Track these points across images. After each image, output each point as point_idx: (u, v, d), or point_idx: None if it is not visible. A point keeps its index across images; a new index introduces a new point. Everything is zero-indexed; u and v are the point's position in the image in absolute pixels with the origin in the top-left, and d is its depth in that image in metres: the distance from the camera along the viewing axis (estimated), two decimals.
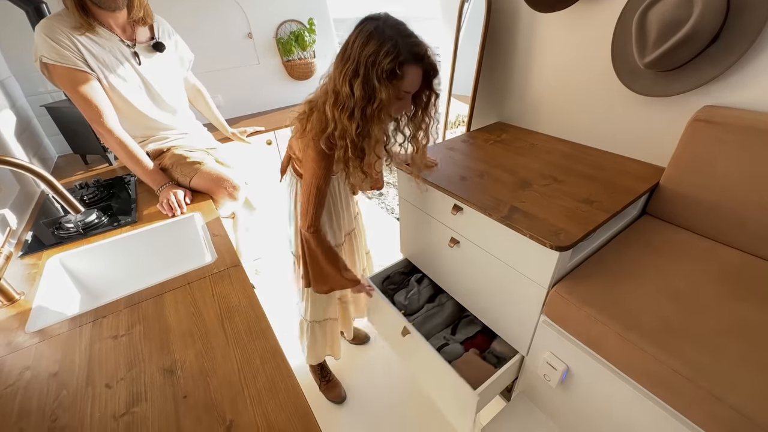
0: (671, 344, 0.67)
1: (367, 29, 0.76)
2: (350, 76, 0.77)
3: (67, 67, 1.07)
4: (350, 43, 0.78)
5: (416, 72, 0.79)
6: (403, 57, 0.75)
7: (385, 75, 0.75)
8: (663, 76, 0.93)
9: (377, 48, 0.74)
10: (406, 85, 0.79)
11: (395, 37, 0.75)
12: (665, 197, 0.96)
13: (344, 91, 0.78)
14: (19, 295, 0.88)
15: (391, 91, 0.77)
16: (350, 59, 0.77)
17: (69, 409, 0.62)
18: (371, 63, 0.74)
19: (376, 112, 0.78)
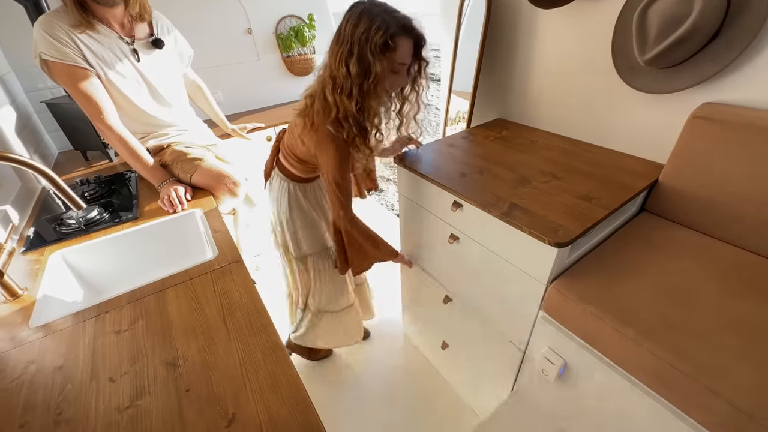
0: (669, 340, 0.68)
1: (356, 12, 0.82)
2: (346, 57, 0.82)
3: (66, 64, 1.07)
4: (342, 27, 0.84)
5: (407, 43, 0.84)
6: (393, 30, 0.80)
7: (378, 49, 0.80)
8: (663, 73, 0.93)
9: (368, 26, 0.79)
10: (398, 56, 0.84)
11: (382, 14, 0.80)
12: (664, 194, 0.97)
13: (341, 73, 0.83)
14: (23, 290, 0.89)
15: (385, 64, 0.82)
16: (344, 41, 0.83)
17: (74, 402, 0.63)
18: (364, 40, 0.80)
19: (373, 86, 0.83)
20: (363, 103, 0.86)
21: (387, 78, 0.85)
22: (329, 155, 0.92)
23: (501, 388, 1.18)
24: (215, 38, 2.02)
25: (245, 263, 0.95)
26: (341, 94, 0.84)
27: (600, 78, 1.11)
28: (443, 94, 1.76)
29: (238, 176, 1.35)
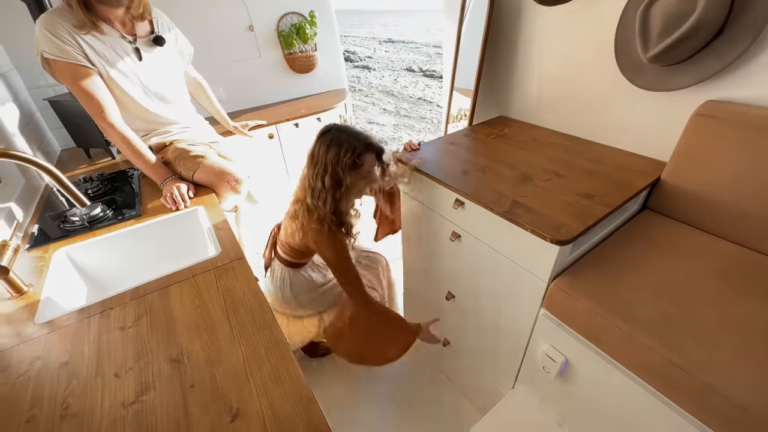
0: (670, 337, 0.68)
1: (327, 138, 1.03)
2: (321, 175, 1.03)
3: (68, 62, 1.07)
4: (315, 151, 1.06)
5: (371, 156, 1.06)
6: (359, 150, 1.01)
7: (348, 167, 1.01)
8: (666, 71, 0.93)
9: (337, 150, 1.01)
10: (366, 167, 1.05)
11: (348, 138, 1.02)
12: (666, 192, 0.97)
13: (317, 186, 1.05)
14: (28, 287, 0.90)
15: (354, 177, 1.04)
16: (318, 162, 1.04)
17: (80, 397, 0.64)
18: (335, 161, 1.01)
19: (345, 194, 1.05)
20: (336, 207, 1.07)
21: (358, 184, 1.07)
22: (328, 251, 1.11)
23: (502, 384, 1.19)
24: (217, 35, 2.02)
25: (248, 260, 0.95)
26: (318, 201, 1.05)
27: (602, 75, 1.11)
28: (445, 92, 1.75)
29: (240, 173, 1.35)
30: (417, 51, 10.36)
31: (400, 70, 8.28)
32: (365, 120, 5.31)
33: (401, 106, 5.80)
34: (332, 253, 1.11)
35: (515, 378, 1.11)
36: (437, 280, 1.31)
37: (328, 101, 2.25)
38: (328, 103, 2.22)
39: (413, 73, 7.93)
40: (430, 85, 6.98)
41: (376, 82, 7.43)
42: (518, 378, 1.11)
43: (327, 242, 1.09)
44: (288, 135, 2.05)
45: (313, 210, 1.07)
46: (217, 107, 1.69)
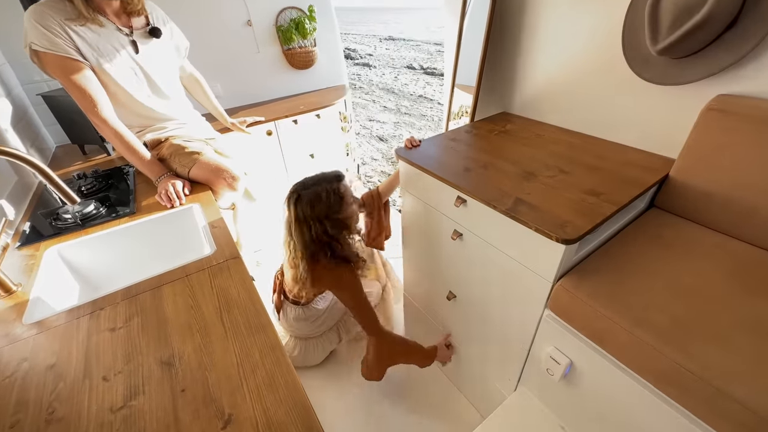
0: (680, 341, 0.66)
1: (303, 200, 1.08)
2: (319, 233, 1.09)
3: (58, 55, 1.04)
4: (295, 218, 1.09)
5: (342, 184, 1.12)
6: (334, 186, 1.09)
7: (338, 204, 1.09)
8: (675, 64, 0.89)
9: (320, 200, 1.07)
10: (347, 194, 1.13)
11: (318, 185, 1.09)
12: (675, 189, 0.94)
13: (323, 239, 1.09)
14: (17, 286, 0.87)
15: (346, 209, 1.11)
16: (312, 220, 1.08)
17: (66, 401, 0.61)
18: (328, 210, 1.07)
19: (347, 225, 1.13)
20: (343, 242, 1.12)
21: (351, 211, 1.14)
22: (345, 293, 1.15)
23: (504, 386, 1.17)
24: (214, 30, 1.98)
25: (244, 260, 0.93)
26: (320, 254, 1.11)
27: (609, 69, 1.08)
28: (446, 89, 1.72)
29: (237, 170, 1.33)
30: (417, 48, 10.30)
31: (400, 67, 8.23)
32: (366, 117, 5.27)
33: (402, 104, 5.77)
34: (349, 295, 1.15)
35: (518, 380, 1.08)
36: (438, 280, 1.28)
37: (327, 98, 2.22)
38: (327, 99, 2.18)
39: (414, 70, 7.89)
40: (430, 83, 6.94)
41: (377, 80, 7.38)
42: (521, 380, 1.08)
43: (343, 285, 1.14)
44: (287, 132, 2.02)
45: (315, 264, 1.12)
46: (214, 103, 1.67)
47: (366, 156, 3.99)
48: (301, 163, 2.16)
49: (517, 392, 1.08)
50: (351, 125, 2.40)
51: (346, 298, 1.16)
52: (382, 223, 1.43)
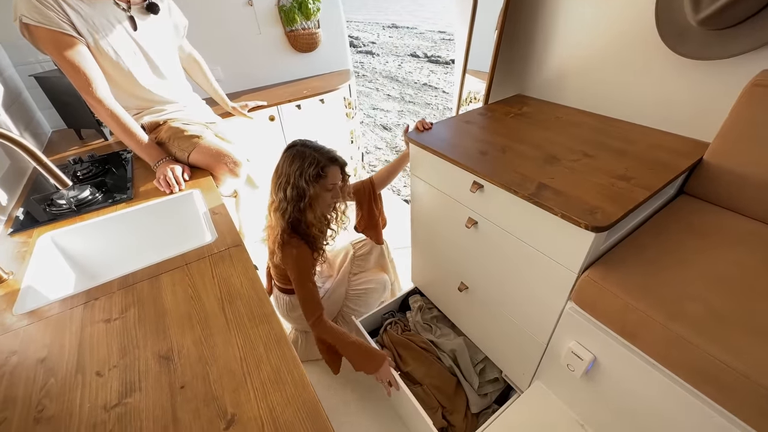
0: (721, 335, 0.60)
1: (291, 153, 1.07)
2: (283, 186, 1.06)
3: (50, 30, 0.97)
4: (280, 165, 1.09)
5: (335, 169, 1.09)
6: (323, 162, 1.05)
7: (312, 177, 1.04)
8: (716, 36, 0.82)
9: (301, 164, 1.04)
10: (329, 180, 1.08)
11: (311, 152, 1.06)
12: (708, 174, 0.87)
13: (279, 197, 1.07)
14: (8, 274, 0.82)
15: (318, 188, 1.06)
16: (281, 175, 1.07)
17: (57, 398, 0.57)
18: (299, 173, 1.04)
19: (308, 205, 1.06)
20: (299, 218, 1.08)
21: (322, 196, 1.09)
22: (289, 264, 1.10)
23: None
24: (213, 10, 1.89)
25: (247, 248, 0.87)
26: (278, 211, 1.08)
27: (638, 44, 1.00)
28: (457, 74, 1.65)
29: (239, 156, 1.27)
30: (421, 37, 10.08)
31: (404, 55, 8.05)
32: (369, 106, 5.16)
33: (406, 92, 5.64)
34: (292, 267, 1.09)
35: (533, 375, 1.04)
36: (449, 270, 1.23)
37: (331, 82, 2.14)
38: (331, 84, 2.10)
39: (418, 58, 7.71)
40: (435, 71, 6.78)
41: (380, 68, 7.23)
42: (536, 375, 1.03)
43: (288, 255, 1.08)
44: (290, 117, 1.95)
45: (274, 227, 1.10)
46: (214, 86, 1.60)
47: (370, 145, 3.91)
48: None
49: (532, 387, 1.04)
50: (356, 112, 2.32)
51: (292, 277, 1.10)
52: (374, 214, 1.36)
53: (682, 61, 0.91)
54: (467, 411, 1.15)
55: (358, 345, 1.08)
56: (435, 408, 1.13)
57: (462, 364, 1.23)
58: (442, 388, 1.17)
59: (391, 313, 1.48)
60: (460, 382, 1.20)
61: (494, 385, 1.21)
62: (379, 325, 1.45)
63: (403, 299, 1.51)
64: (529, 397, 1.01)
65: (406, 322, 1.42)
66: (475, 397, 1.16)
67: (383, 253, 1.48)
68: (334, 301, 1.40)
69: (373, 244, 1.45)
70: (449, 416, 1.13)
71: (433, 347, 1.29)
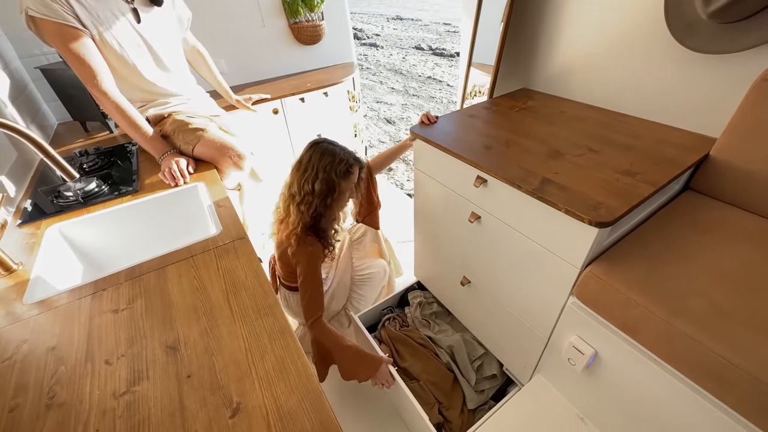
0: (723, 331, 0.60)
1: (320, 149, 1.07)
2: (311, 179, 1.05)
3: (56, 22, 0.98)
4: (305, 159, 1.08)
5: (357, 169, 1.11)
6: (351, 161, 1.08)
7: (342, 173, 1.06)
8: (726, 30, 0.80)
9: (332, 158, 1.05)
10: (353, 178, 1.10)
11: (339, 150, 1.07)
12: (714, 170, 0.86)
13: (305, 189, 1.06)
14: (17, 265, 0.84)
15: (345, 184, 1.08)
16: (309, 169, 1.06)
17: (67, 385, 0.58)
18: (330, 167, 1.05)
19: (335, 200, 1.08)
20: (325, 212, 1.09)
21: (346, 193, 1.12)
22: (302, 259, 1.09)
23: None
24: (216, 2, 1.88)
25: (251, 240, 0.88)
26: (302, 205, 1.06)
27: (646, 37, 0.99)
28: (462, 67, 1.63)
29: (243, 149, 1.27)
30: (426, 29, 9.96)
31: (408, 48, 7.97)
32: (373, 99, 5.14)
33: (410, 85, 5.60)
34: (304, 264, 1.09)
35: (534, 369, 1.05)
36: (452, 265, 1.23)
37: (335, 75, 2.13)
38: (335, 77, 2.09)
39: (422, 51, 7.63)
40: (439, 64, 6.72)
41: (384, 60, 7.17)
42: (537, 369, 1.04)
43: (303, 252, 1.08)
44: (293, 110, 1.95)
45: (296, 218, 1.08)
46: (218, 78, 1.59)
47: (373, 139, 3.89)
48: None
49: (533, 381, 1.05)
50: (359, 105, 2.31)
51: (301, 274, 1.09)
52: (372, 199, 1.37)
53: (691, 55, 0.90)
54: (464, 407, 1.16)
55: (354, 350, 1.08)
56: (432, 403, 1.14)
57: (459, 360, 1.23)
58: (439, 384, 1.18)
59: (390, 308, 1.49)
60: (457, 379, 1.21)
61: (491, 381, 1.21)
62: (378, 320, 1.46)
63: (402, 295, 1.52)
64: (529, 390, 1.02)
65: (405, 317, 1.42)
66: (471, 393, 1.17)
67: (376, 233, 1.49)
68: (343, 287, 1.40)
69: (367, 227, 1.44)
70: (446, 412, 1.14)
71: (430, 343, 1.30)
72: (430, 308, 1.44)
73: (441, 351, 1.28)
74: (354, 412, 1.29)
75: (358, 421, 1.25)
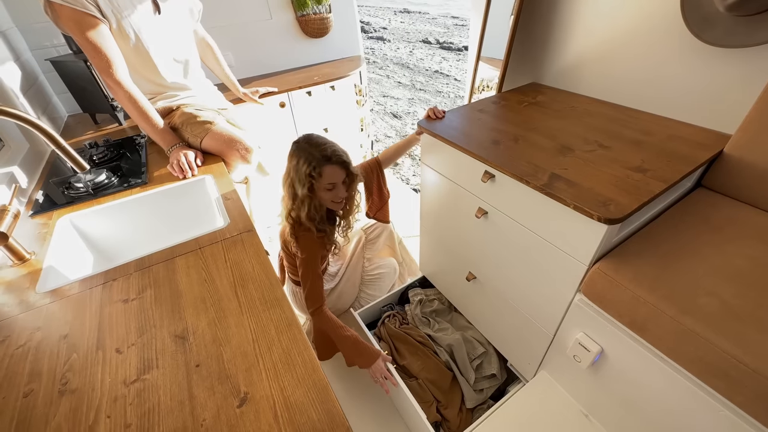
0: (734, 331, 0.59)
1: (292, 150, 1.08)
2: (286, 184, 1.10)
3: (75, 9, 0.98)
4: (286, 160, 1.11)
5: (331, 168, 1.05)
6: (315, 162, 1.03)
7: (304, 176, 1.04)
8: (743, 23, 0.78)
9: (296, 162, 1.05)
10: (326, 179, 1.05)
11: (308, 149, 1.04)
12: (728, 167, 0.85)
13: (285, 190, 1.12)
14: (30, 254, 0.86)
15: (309, 189, 1.05)
16: (286, 172, 1.11)
17: (79, 372, 0.60)
18: (294, 172, 1.06)
19: (301, 203, 1.08)
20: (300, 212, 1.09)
21: (321, 195, 1.09)
22: (299, 258, 1.13)
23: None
24: None
25: (258, 233, 0.89)
26: (288, 203, 1.11)
27: (660, 31, 0.96)
28: (470, 61, 1.61)
29: (250, 142, 1.27)
30: (434, 22, 9.85)
31: (415, 41, 7.89)
32: (379, 93, 5.11)
33: (417, 79, 5.56)
34: (302, 257, 1.12)
35: (539, 365, 1.05)
36: (457, 260, 1.23)
37: (342, 68, 2.12)
38: (341, 70, 2.08)
39: (429, 45, 7.55)
40: (447, 58, 6.64)
41: (391, 54, 7.11)
42: (542, 365, 1.04)
43: (300, 244, 1.12)
44: (300, 103, 1.95)
45: (285, 213, 1.13)
46: (226, 71, 1.60)
47: (379, 133, 3.88)
48: None
49: (537, 377, 1.05)
50: (366, 99, 2.30)
51: (300, 266, 1.13)
52: (382, 192, 1.37)
53: (707, 48, 0.88)
54: (462, 406, 1.16)
55: (353, 340, 1.10)
56: (430, 402, 1.15)
57: (459, 359, 1.23)
58: (438, 383, 1.18)
59: (390, 305, 1.49)
60: (455, 377, 1.21)
61: (490, 381, 1.21)
62: (378, 317, 1.46)
63: (402, 292, 1.51)
64: (534, 386, 1.02)
65: (405, 315, 1.43)
66: (470, 392, 1.17)
67: (392, 233, 1.49)
68: (351, 286, 1.42)
69: (384, 226, 1.45)
70: (444, 410, 1.14)
71: (429, 341, 1.30)
72: (431, 306, 1.44)
73: (440, 349, 1.28)
74: (356, 405, 1.30)
75: (360, 415, 1.26)
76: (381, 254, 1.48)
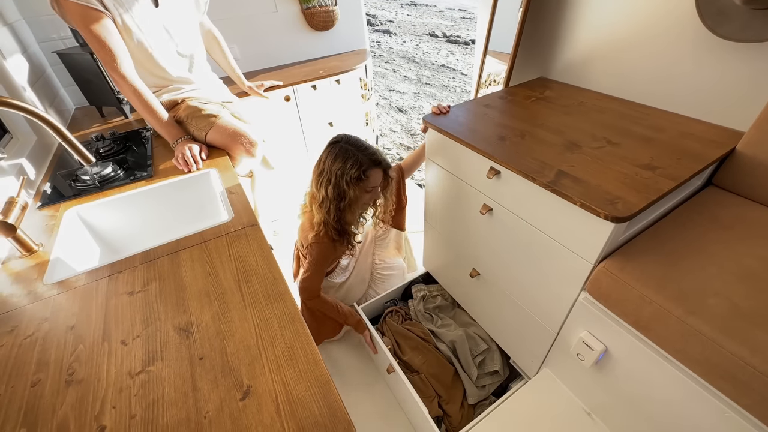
0: (742, 332, 0.59)
1: (334, 150, 1.08)
2: (324, 185, 1.09)
3: (79, 4, 0.98)
4: (322, 160, 1.11)
5: (377, 172, 1.10)
6: (366, 165, 1.06)
7: (352, 180, 1.05)
8: (760, 16, 0.76)
9: (343, 164, 1.05)
10: (370, 183, 1.10)
11: (356, 152, 1.06)
12: (740, 166, 0.83)
13: (321, 194, 1.11)
14: (38, 246, 0.87)
15: (358, 191, 1.08)
16: (323, 172, 1.09)
17: (86, 363, 0.60)
18: (340, 174, 1.06)
19: (347, 206, 1.10)
20: (339, 217, 1.11)
21: (362, 198, 1.12)
22: (315, 249, 1.16)
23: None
24: None
25: (261, 228, 0.89)
26: (322, 207, 1.11)
27: (674, 25, 0.94)
28: (477, 55, 1.59)
29: (255, 136, 1.27)
30: (441, 15, 9.72)
31: (422, 35, 7.81)
32: (385, 87, 5.07)
33: (423, 73, 5.50)
34: (314, 256, 1.16)
35: (541, 362, 1.04)
36: (461, 256, 1.23)
37: (347, 62, 2.10)
38: (347, 64, 2.07)
39: (436, 38, 7.47)
40: (453, 52, 6.57)
41: (397, 48, 7.05)
42: (545, 362, 1.04)
43: (317, 246, 1.15)
44: (305, 97, 1.94)
45: (319, 218, 1.13)
46: (232, 64, 1.59)
47: (384, 128, 3.86)
48: (319, 131, 2.08)
49: (540, 374, 1.05)
50: (371, 93, 2.29)
51: (307, 265, 1.18)
52: (401, 199, 1.38)
53: (721, 43, 0.85)
54: (464, 401, 1.16)
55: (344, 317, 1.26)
56: (431, 397, 1.15)
57: (461, 355, 1.24)
58: (440, 378, 1.18)
59: (393, 301, 1.49)
60: (458, 373, 1.21)
61: (493, 377, 1.21)
62: (380, 312, 1.47)
63: (405, 288, 1.52)
64: (536, 383, 1.02)
65: (407, 310, 1.43)
66: (472, 389, 1.17)
67: (400, 233, 1.49)
68: (360, 282, 1.43)
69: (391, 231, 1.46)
70: (445, 406, 1.15)
71: (431, 337, 1.30)
72: (434, 302, 1.44)
73: (442, 345, 1.28)
74: (358, 400, 1.31)
75: (362, 410, 1.27)
76: (388, 251, 1.49)
